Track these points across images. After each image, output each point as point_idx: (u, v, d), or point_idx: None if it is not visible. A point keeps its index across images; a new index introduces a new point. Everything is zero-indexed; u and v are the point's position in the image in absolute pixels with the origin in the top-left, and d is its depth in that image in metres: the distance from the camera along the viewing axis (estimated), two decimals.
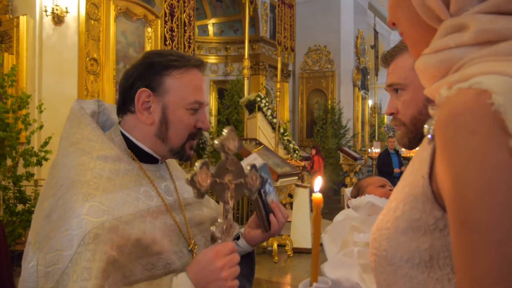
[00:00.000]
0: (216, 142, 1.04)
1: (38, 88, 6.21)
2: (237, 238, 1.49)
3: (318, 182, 1.06)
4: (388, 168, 9.31)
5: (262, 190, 1.40)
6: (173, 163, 1.50)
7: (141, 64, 1.30)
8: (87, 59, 6.57)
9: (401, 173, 8.91)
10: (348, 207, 1.85)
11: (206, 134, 9.11)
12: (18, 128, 5.38)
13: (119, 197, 1.17)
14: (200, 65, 1.33)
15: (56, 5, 6.25)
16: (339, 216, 1.72)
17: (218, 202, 1.44)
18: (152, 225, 1.21)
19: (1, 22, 6.68)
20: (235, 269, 1.12)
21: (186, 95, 1.28)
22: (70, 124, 1.31)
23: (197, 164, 1.01)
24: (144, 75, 1.27)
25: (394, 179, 7.96)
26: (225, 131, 1.06)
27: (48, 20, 6.29)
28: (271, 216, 1.44)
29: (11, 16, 6.52)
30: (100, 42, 6.77)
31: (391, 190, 1.82)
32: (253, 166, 1.20)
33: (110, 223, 1.10)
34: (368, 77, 18.26)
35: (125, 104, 1.31)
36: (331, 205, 12.28)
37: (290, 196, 7.39)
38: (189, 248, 1.33)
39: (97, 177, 1.18)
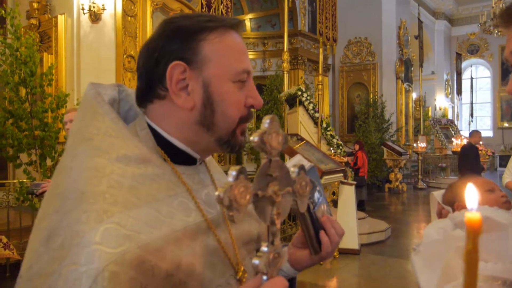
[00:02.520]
0: (254, 138, 0.77)
1: (77, 87, 6.18)
2: None
3: (474, 194, 0.63)
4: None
5: (310, 201, 1.12)
6: (213, 163, 1.20)
7: (165, 32, 1.00)
8: (124, 56, 6.49)
9: None
10: (439, 216, 1.49)
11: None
12: (57, 128, 5.35)
13: (146, 214, 0.88)
14: (237, 24, 1.05)
15: (93, 3, 6.18)
16: (432, 230, 1.34)
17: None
18: (190, 250, 0.91)
19: (40, 22, 6.70)
20: None
21: (231, 63, 1.00)
22: (83, 114, 1.01)
23: (231, 172, 0.73)
24: (172, 45, 0.98)
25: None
26: (266, 122, 0.79)
27: (85, 18, 6.25)
28: (322, 234, 1.16)
29: (49, 16, 6.53)
30: (137, 39, 6.68)
31: (503, 196, 1.42)
32: (301, 168, 0.93)
33: (132, 255, 0.81)
34: (412, 68, 17.52)
35: (150, 89, 1.01)
36: (375, 202, 11.85)
37: (333, 193, 7.08)
38: (238, 278, 1.03)
39: (115, 187, 0.88)
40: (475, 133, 10.00)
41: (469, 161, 8.94)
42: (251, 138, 0.79)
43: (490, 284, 1.02)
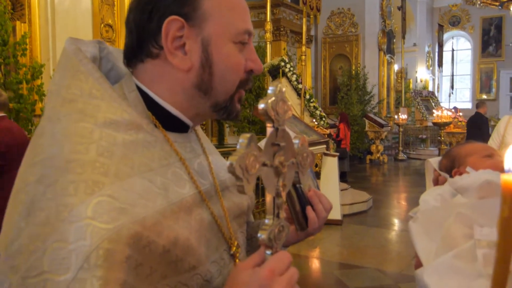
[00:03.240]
0: (261, 105, 0.69)
1: (53, 57, 5.94)
2: None
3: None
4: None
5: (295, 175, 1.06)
6: (200, 131, 1.12)
7: None
8: (102, 25, 6.25)
9: None
10: (436, 183, 1.43)
11: None
12: (33, 100, 5.17)
13: (140, 185, 0.79)
14: None
15: None
16: (429, 197, 1.27)
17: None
18: (186, 224, 0.84)
19: None
20: None
21: (234, 21, 0.91)
22: (62, 73, 0.89)
23: (242, 140, 0.66)
24: None
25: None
26: (273, 90, 0.72)
27: None
28: (308, 210, 1.09)
29: None
30: (115, 7, 6.43)
31: (502, 161, 1.37)
32: (303, 139, 0.87)
33: (128, 230, 0.73)
34: (394, 40, 17.47)
35: (141, 46, 0.91)
36: (357, 173, 11.97)
37: (316, 165, 7.09)
38: (231, 253, 0.97)
39: (105, 155, 0.79)
40: (482, 104, 10.16)
41: (481, 129, 9.11)
42: (259, 105, 0.72)
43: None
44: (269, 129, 0.73)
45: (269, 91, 0.73)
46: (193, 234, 0.84)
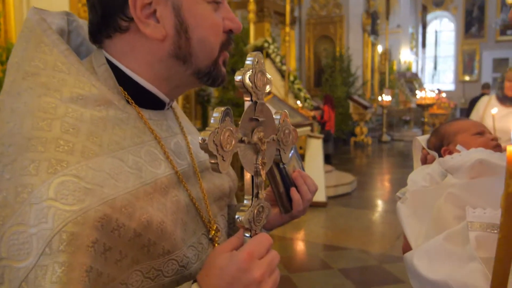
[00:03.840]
0: (237, 77, 0.63)
1: None
2: None
3: None
4: None
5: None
6: (178, 108, 1.06)
7: None
8: (80, 4, 6.06)
9: None
10: (424, 162, 1.37)
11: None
12: None
13: (109, 164, 0.74)
14: None
15: None
16: (417, 177, 1.23)
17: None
18: (161, 206, 0.78)
19: None
20: (276, 277, 0.73)
21: None
22: (24, 44, 0.83)
23: (216, 114, 0.60)
24: None
25: None
26: (251, 60, 0.65)
27: None
28: (293, 191, 1.05)
29: None
30: None
31: (493, 139, 1.29)
32: (284, 115, 0.81)
33: (95, 213, 0.67)
34: (378, 21, 17.41)
35: (107, 22, 0.84)
36: (342, 155, 12.02)
37: (300, 147, 7.06)
38: (210, 237, 0.92)
39: (71, 132, 0.73)
40: (487, 85, 10.68)
41: None
42: (235, 77, 0.66)
43: (489, 233, 0.91)
44: (247, 103, 0.67)
45: (247, 62, 0.67)
46: (168, 217, 0.79)
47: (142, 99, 0.87)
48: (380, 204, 7.47)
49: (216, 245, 0.92)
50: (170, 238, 0.78)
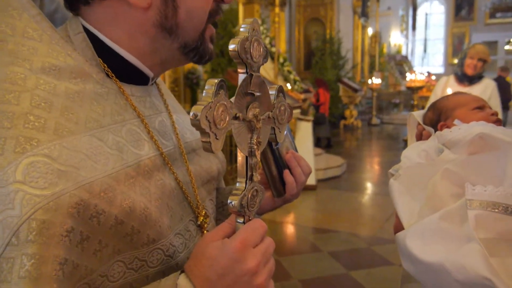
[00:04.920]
0: (231, 46, 0.56)
1: None
2: None
3: None
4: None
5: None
6: (163, 85, 0.98)
7: None
8: None
9: None
10: (419, 138, 1.31)
11: (199, 68, 8.49)
12: None
13: (86, 144, 0.66)
14: None
15: None
16: (412, 153, 1.16)
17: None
18: (145, 191, 0.72)
19: None
20: (271, 266, 0.68)
21: None
22: None
23: (209, 86, 0.52)
24: None
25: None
26: (246, 28, 0.59)
27: None
28: (286, 174, 0.99)
29: None
30: None
31: (493, 114, 1.23)
32: (280, 90, 0.74)
33: (70, 198, 0.60)
34: (369, 3, 17.27)
35: None
36: (331, 138, 11.99)
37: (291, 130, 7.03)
38: (198, 223, 0.86)
39: (42, 106, 0.66)
40: (506, 68, 10.90)
41: (505, 94, 9.43)
42: (229, 46, 0.59)
43: (490, 212, 0.85)
44: (241, 76, 0.60)
45: (241, 29, 0.60)
46: (153, 202, 0.72)
47: (124, 72, 0.79)
48: (369, 186, 7.49)
49: (205, 232, 0.86)
50: (155, 226, 0.72)
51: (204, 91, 0.54)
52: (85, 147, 0.66)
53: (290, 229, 5.43)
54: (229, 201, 0.65)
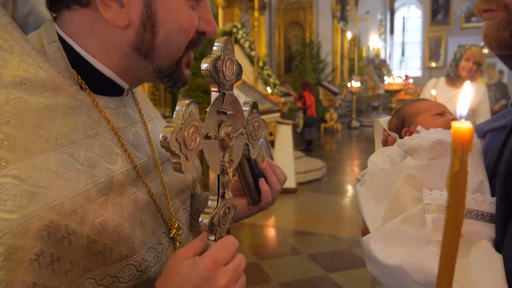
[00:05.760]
0: (204, 65, 0.58)
1: None
2: None
3: (467, 95, 0.48)
4: None
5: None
6: (139, 91, 0.96)
7: None
8: None
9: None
10: (385, 144, 1.32)
11: None
12: None
13: (57, 162, 0.65)
14: None
15: None
16: (377, 159, 1.18)
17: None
18: (118, 208, 0.71)
19: None
20: (243, 283, 0.69)
21: None
22: None
23: (179, 108, 0.53)
24: None
25: None
26: (218, 46, 0.60)
27: None
28: (262, 182, 1.01)
29: None
30: None
31: (454, 120, 1.28)
32: (254, 106, 0.76)
33: (40, 220, 0.59)
34: (348, 8, 17.47)
35: None
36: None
37: (270, 134, 7.06)
38: (171, 236, 0.86)
39: (12, 124, 0.63)
40: (501, 72, 11.40)
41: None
42: (202, 65, 0.60)
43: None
44: (214, 94, 0.62)
45: (214, 48, 0.62)
46: (125, 218, 0.72)
47: (98, 84, 0.78)
48: (349, 189, 7.56)
49: (177, 244, 0.87)
50: (128, 242, 0.72)
51: (174, 112, 0.54)
52: (56, 165, 0.65)
53: (270, 232, 5.45)
54: (200, 219, 0.65)
